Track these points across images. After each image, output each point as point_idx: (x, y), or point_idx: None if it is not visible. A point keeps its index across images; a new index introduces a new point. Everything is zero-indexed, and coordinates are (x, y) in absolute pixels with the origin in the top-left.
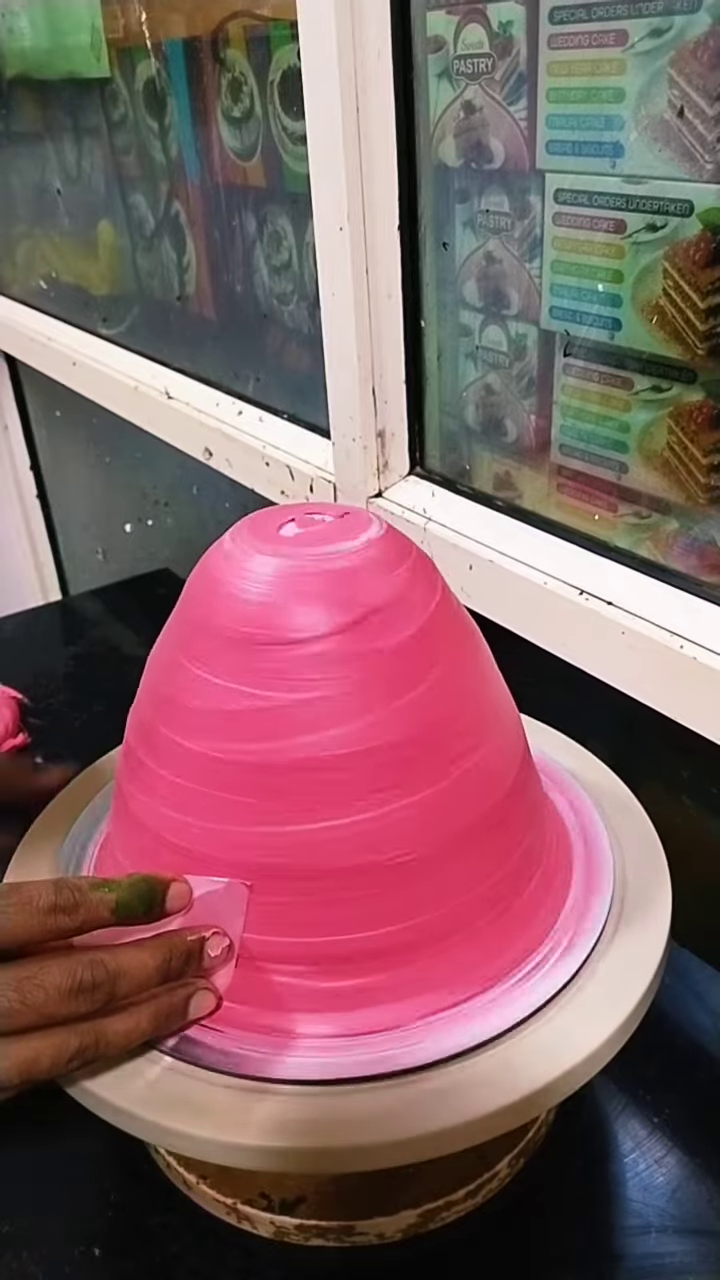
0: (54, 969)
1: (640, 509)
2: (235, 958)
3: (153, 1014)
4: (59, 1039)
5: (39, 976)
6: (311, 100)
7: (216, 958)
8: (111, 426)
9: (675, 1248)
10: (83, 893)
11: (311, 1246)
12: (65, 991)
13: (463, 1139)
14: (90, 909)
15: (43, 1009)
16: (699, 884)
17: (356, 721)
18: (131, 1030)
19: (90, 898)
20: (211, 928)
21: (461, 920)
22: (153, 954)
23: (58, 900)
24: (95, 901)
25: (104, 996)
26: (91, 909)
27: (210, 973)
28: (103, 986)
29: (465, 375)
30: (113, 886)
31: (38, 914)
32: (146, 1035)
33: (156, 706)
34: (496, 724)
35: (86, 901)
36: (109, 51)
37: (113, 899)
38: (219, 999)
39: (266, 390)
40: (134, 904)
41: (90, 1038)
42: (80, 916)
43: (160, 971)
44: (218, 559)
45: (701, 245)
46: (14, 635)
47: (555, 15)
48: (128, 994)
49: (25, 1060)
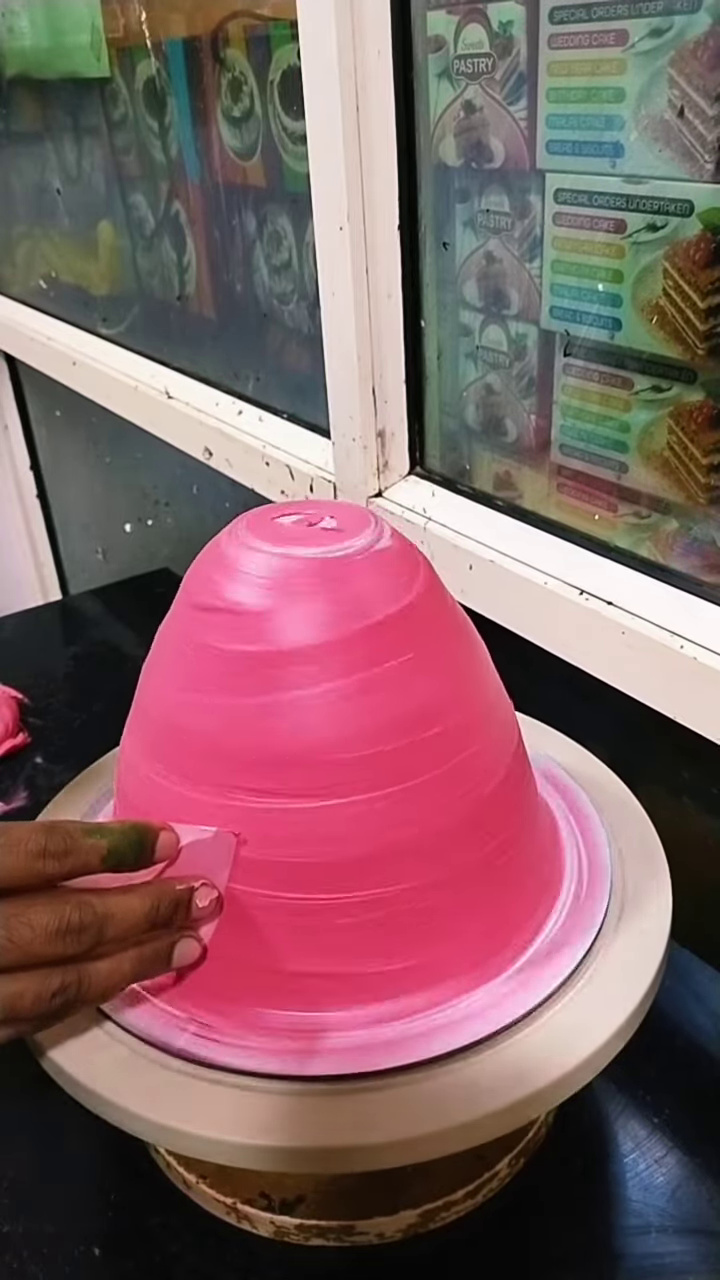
0: (42, 909)
1: (640, 509)
2: (222, 910)
3: (136, 959)
4: (43, 976)
5: (26, 915)
6: (311, 100)
7: (204, 909)
8: (111, 426)
9: (675, 1248)
10: (74, 838)
11: (311, 1246)
12: (52, 932)
13: (463, 1140)
14: (80, 855)
15: (29, 948)
16: (699, 884)
17: (344, 712)
18: (114, 973)
19: (81, 844)
20: (200, 878)
21: (459, 920)
22: (141, 900)
23: (48, 845)
24: (86, 848)
25: (91, 939)
26: (82, 855)
27: (197, 924)
28: (90, 929)
29: (465, 375)
30: (104, 833)
31: (26, 857)
32: (129, 980)
33: (157, 705)
34: (488, 719)
35: (77, 848)
36: (109, 51)
37: (104, 846)
38: (204, 949)
39: (266, 390)
40: (125, 851)
41: (73, 976)
42: (70, 862)
43: (148, 918)
44: (216, 554)
45: (701, 245)
46: (14, 635)
47: (555, 15)
48: (115, 938)
49: (8, 995)
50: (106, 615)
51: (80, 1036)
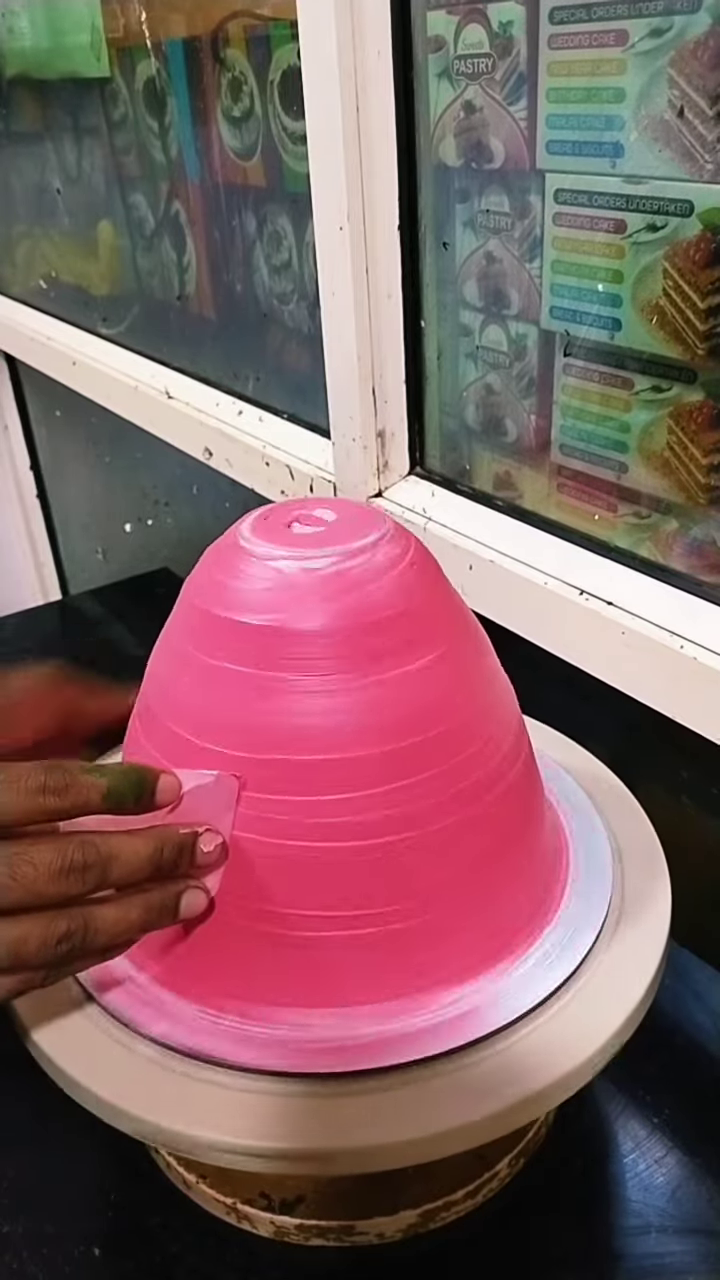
0: (45, 847)
1: (640, 509)
2: (228, 857)
3: (144, 906)
4: (47, 919)
5: (29, 853)
6: (311, 100)
7: (209, 854)
8: (111, 426)
9: (675, 1248)
10: (73, 775)
11: (311, 1246)
12: (56, 870)
13: (463, 1140)
14: (80, 791)
15: (32, 886)
16: (699, 884)
17: (353, 710)
18: (120, 919)
19: (80, 780)
20: (204, 824)
21: (460, 920)
22: (145, 842)
23: (48, 781)
24: (85, 785)
25: (95, 878)
26: (81, 792)
27: (203, 872)
28: (94, 868)
29: (465, 375)
30: (104, 772)
31: (26, 793)
32: (135, 928)
33: (160, 703)
34: (492, 718)
35: (76, 784)
36: (109, 51)
37: (103, 784)
38: (211, 900)
39: (266, 390)
40: (124, 790)
41: (79, 922)
42: (70, 799)
43: (152, 861)
44: (222, 554)
45: (701, 245)
46: (14, 635)
47: (555, 15)
48: (119, 880)
49: (13, 939)
50: (106, 615)
51: (80, 1036)
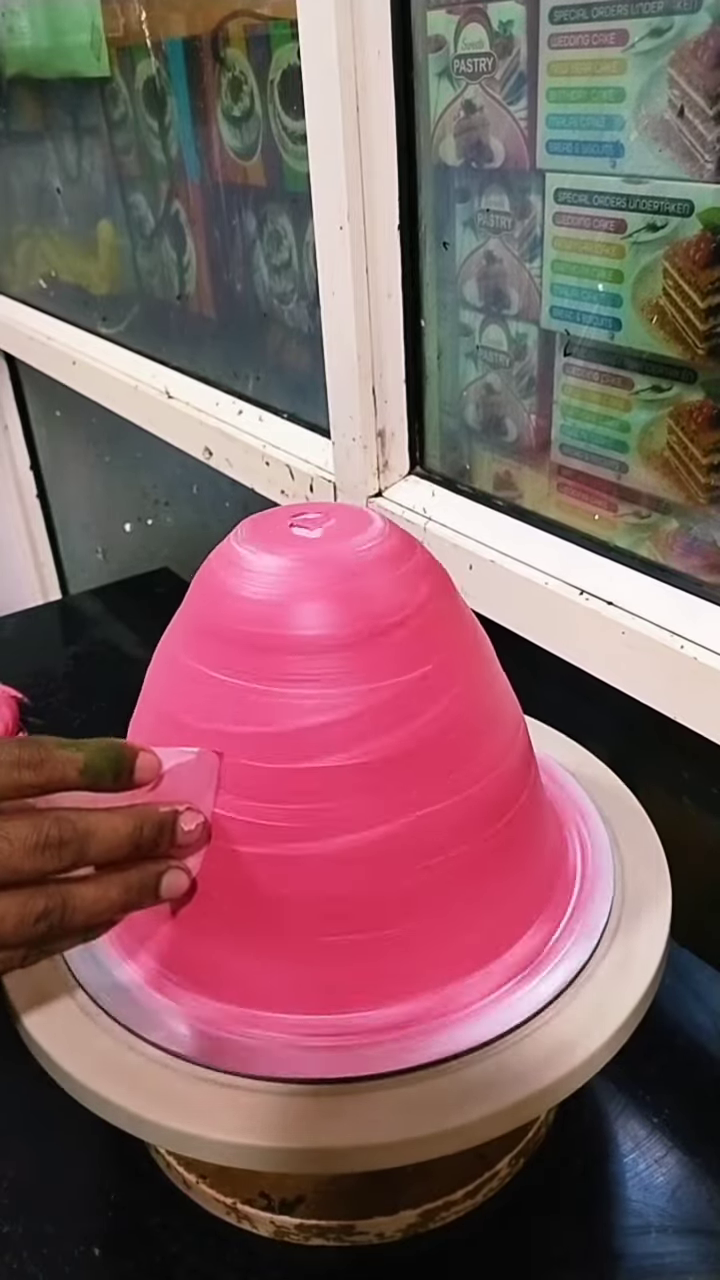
0: (20, 822)
1: (640, 509)
2: (210, 838)
3: (123, 885)
4: (25, 896)
5: (3, 828)
6: (311, 99)
7: (191, 833)
8: (111, 426)
9: (675, 1248)
10: (48, 750)
11: (311, 1246)
12: (31, 845)
13: (463, 1140)
14: (56, 766)
15: (7, 861)
16: (699, 884)
17: (359, 718)
18: (100, 898)
19: (56, 755)
20: (185, 803)
21: (459, 923)
22: (124, 819)
23: (22, 755)
24: (61, 759)
25: (72, 855)
26: (57, 766)
27: (185, 852)
28: (70, 844)
29: (465, 375)
30: (80, 747)
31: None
32: (116, 908)
33: (160, 710)
34: (495, 720)
35: (52, 758)
36: (109, 51)
37: (80, 759)
38: (193, 881)
39: (266, 389)
40: (101, 766)
41: (57, 899)
42: (45, 773)
43: (131, 839)
44: (222, 560)
45: (701, 245)
46: (14, 635)
47: (555, 15)
48: (98, 858)
49: None
50: (106, 615)
51: (79, 1035)
